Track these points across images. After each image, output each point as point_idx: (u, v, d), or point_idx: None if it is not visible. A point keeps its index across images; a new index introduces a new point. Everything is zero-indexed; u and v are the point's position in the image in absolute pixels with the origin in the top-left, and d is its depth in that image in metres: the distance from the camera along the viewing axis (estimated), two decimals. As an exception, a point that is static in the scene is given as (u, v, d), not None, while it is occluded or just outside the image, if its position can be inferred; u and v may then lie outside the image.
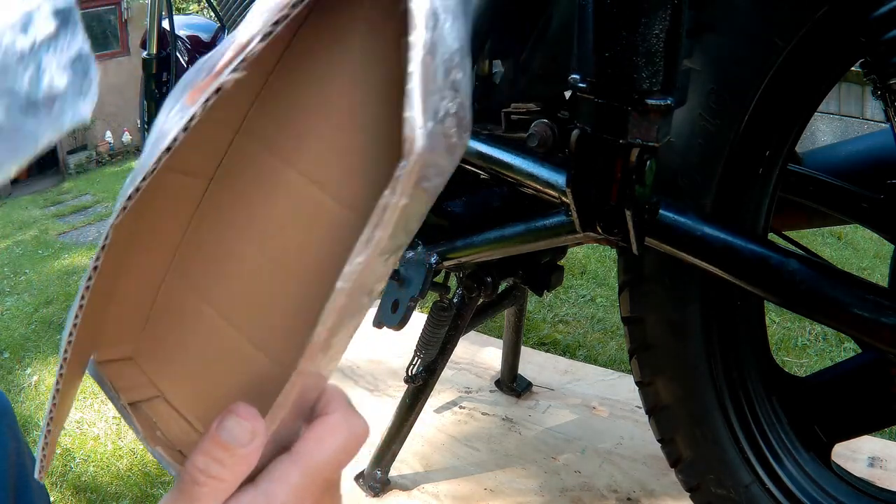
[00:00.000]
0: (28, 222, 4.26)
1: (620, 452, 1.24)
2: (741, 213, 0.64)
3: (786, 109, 0.60)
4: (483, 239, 0.79)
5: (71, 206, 4.61)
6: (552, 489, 1.15)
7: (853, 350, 1.61)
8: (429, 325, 1.07)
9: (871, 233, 1.13)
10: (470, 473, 1.21)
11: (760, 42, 0.57)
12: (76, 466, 1.32)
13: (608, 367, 1.56)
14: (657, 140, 0.45)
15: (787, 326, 1.74)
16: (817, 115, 3.11)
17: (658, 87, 0.43)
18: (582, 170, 0.51)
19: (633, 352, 0.76)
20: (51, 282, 2.77)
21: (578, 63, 0.46)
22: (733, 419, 0.71)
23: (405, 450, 1.21)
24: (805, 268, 0.52)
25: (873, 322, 0.51)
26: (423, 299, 0.86)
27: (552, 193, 0.65)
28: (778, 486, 0.70)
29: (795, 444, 0.71)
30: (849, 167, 0.73)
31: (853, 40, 0.54)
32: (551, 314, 1.88)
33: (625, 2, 0.42)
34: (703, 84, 0.60)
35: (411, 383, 1.10)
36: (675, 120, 0.60)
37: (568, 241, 0.70)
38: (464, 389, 1.48)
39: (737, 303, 0.69)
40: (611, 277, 2.11)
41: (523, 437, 1.30)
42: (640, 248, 0.53)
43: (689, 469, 0.76)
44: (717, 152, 0.62)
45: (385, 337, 1.73)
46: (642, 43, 0.42)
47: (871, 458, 1.16)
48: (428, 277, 0.84)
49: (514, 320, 1.34)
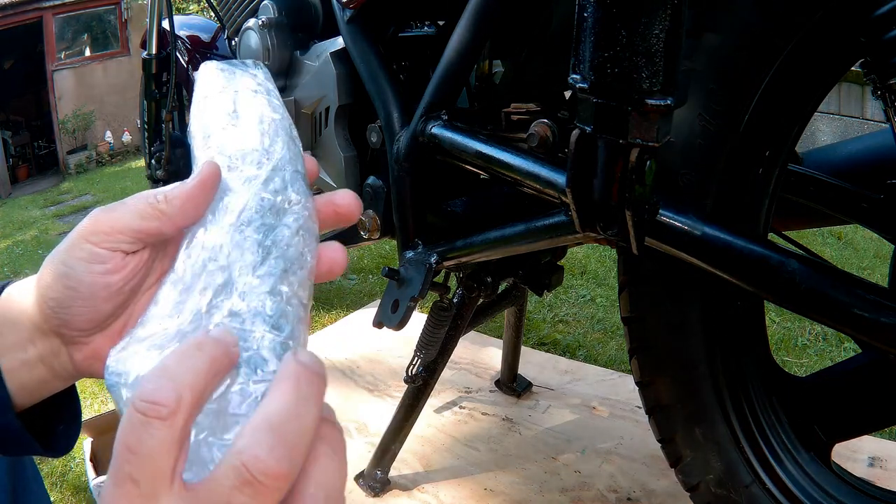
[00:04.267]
0: (28, 222, 4.26)
1: (620, 452, 1.24)
2: (741, 213, 0.64)
3: (786, 109, 0.60)
4: (483, 239, 0.79)
5: (71, 206, 4.61)
6: (552, 489, 1.15)
7: (853, 350, 1.61)
8: (429, 325, 1.07)
9: (871, 233, 1.13)
10: (470, 473, 1.21)
11: (760, 42, 0.57)
12: (76, 466, 1.32)
13: (608, 367, 1.56)
14: (657, 140, 0.45)
15: (787, 326, 1.74)
16: (817, 115, 3.11)
17: (658, 87, 0.43)
18: (582, 170, 0.51)
19: (633, 352, 0.76)
20: (51, 282, 2.77)
21: (578, 63, 0.46)
22: (733, 419, 0.71)
23: (405, 450, 1.21)
24: (805, 268, 0.52)
25: (873, 322, 0.51)
26: (423, 299, 0.86)
27: (552, 193, 0.65)
28: (778, 486, 0.70)
29: (795, 444, 0.71)
30: (849, 167, 0.73)
31: (853, 40, 0.54)
32: (551, 314, 1.88)
33: (625, 2, 0.42)
34: (703, 84, 0.60)
35: (411, 383, 1.10)
36: (675, 120, 0.60)
37: (568, 241, 0.70)
38: (464, 389, 1.48)
39: (737, 303, 0.69)
40: (611, 277, 2.11)
41: (523, 437, 1.30)
42: (640, 248, 0.53)
43: (689, 469, 0.76)
44: (718, 152, 0.62)
45: (385, 337, 1.73)
46: (642, 43, 0.42)
47: (871, 458, 1.16)
48: (428, 277, 0.84)
49: (514, 320, 1.34)
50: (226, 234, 0.36)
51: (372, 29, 0.91)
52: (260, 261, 0.35)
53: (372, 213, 0.93)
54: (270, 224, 0.36)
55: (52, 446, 0.43)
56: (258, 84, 0.42)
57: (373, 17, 0.91)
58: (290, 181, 0.38)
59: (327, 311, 1.98)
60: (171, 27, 1.63)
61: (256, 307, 0.34)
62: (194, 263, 0.35)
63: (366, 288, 2.18)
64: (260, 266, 0.35)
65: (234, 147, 0.38)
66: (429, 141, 0.79)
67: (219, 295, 0.34)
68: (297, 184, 0.38)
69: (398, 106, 0.85)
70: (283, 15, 1.03)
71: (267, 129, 0.39)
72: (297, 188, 0.38)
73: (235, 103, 0.40)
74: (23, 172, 6.86)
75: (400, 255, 0.89)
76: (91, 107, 6.66)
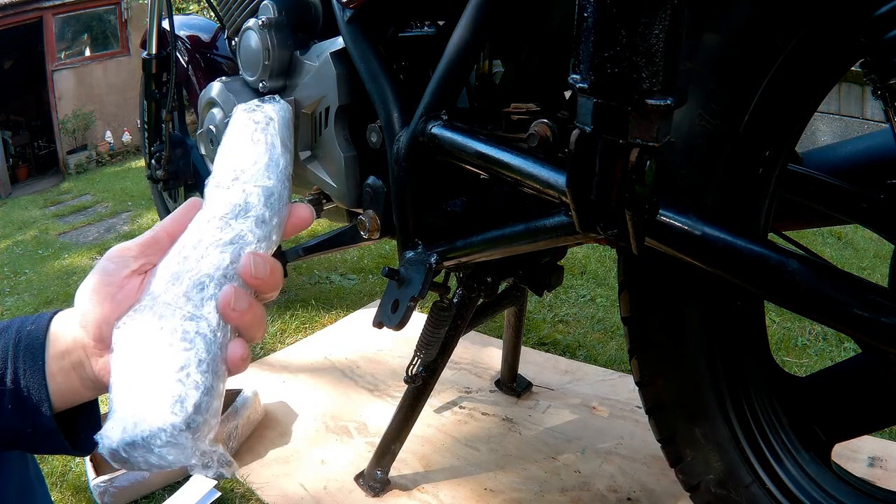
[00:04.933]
0: (28, 222, 4.26)
1: (620, 452, 1.24)
2: (741, 213, 0.64)
3: (786, 109, 0.60)
4: (483, 239, 0.79)
5: (71, 206, 4.61)
6: (552, 489, 1.15)
7: (853, 350, 1.61)
8: (429, 325, 1.07)
9: (871, 233, 1.13)
10: (470, 473, 1.21)
11: (760, 42, 0.57)
12: (76, 466, 1.32)
13: (608, 367, 1.56)
14: (657, 140, 0.45)
15: (787, 326, 1.74)
16: (817, 115, 3.11)
17: (658, 87, 0.43)
18: (582, 170, 0.51)
19: (633, 352, 0.76)
20: (51, 282, 2.77)
21: (578, 63, 0.46)
22: (733, 419, 0.71)
23: (405, 450, 1.21)
24: (805, 268, 0.52)
25: (873, 322, 0.51)
26: (423, 299, 0.86)
27: (552, 193, 0.65)
28: (778, 486, 0.70)
29: (795, 444, 0.71)
30: (849, 167, 0.73)
31: (853, 40, 0.54)
32: (551, 314, 1.88)
33: (625, 2, 0.42)
34: (703, 84, 0.60)
35: (411, 383, 1.10)
36: (675, 120, 0.60)
37: (568, 241, 0.70)
38: (464, 389, 1.48)
39: (737, 303, 0.69)
40: (611, 277, 2.11)
41: (523, 437, 1.30)
42: (640, 249, 0.53)
43: (689, 469, 0.76)
44: (718, 152, 0.62)
45: (385, 337, 1.73)
46: (642, 43, 0.42)
47: (871, 458, 1.16)
48: (428, 277, 0.84)
49: (514, 320, 1.34)
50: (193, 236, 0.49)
51: (372, 29, 0.91)
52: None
53: (372, 213, 0.93)
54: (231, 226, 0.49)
55: (78, 446, 0.49)
56: (262, 129, 0.53)
57: (373, 17, 0.91)
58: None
59: (327, 311, 1.98)
60: (171, 27, 1.63)
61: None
62: (167, 256, 0.48)
63: (366, 288, 2.17)
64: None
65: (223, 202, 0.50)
66: (429, 141, 0.79)
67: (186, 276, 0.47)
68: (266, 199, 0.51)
69: (398, 106, 0.85)
70: (283, 15, 1.03)
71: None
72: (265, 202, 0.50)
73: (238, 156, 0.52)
74: (23, 172, 6.86)
75: (400, 255, 0.89)
76: (91, 107, 6.66)
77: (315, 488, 1.20)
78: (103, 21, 6.79)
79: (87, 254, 3.16)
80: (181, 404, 0.42)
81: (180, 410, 0.42)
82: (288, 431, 1.38)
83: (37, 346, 0.46)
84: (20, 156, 7.10)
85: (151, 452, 0.42)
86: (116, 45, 6.89)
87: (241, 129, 0.53)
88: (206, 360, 0.44)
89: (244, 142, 0.53)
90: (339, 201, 1.02)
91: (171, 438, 0.42)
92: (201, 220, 0.49)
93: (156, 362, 0.43)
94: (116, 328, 0.45)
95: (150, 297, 0.46)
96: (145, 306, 0.46)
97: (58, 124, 6.49)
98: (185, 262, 0.47)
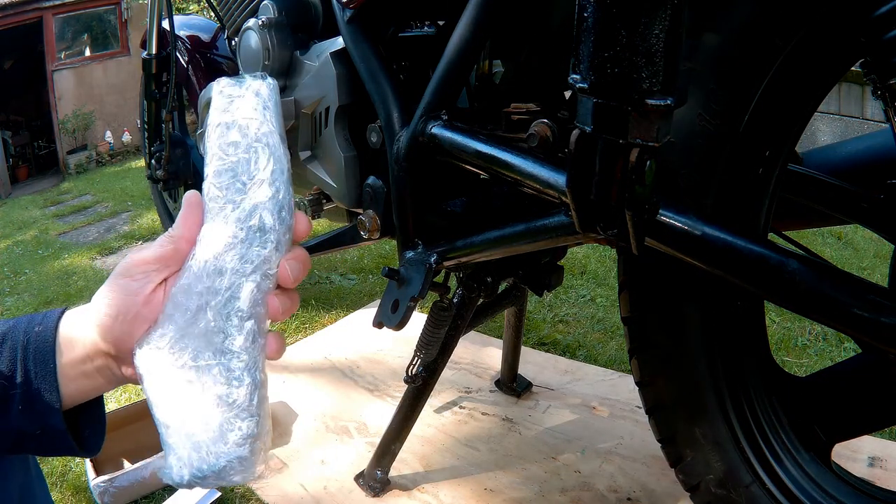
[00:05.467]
0: (28, 222, 4.26)
1: (620, 452, 1.24)
2: (741, 213, 0.64)
3: (786, 109, 0.60)
4: (483, 239, 0.79)
5: (71, 206, 4.61)
6: (552, 489, 1.15)
7: (853, 350, 1.61)
8: (429, 325, 1.07)
9: (871, 233, 1.12)
10: (470, 473, 1.21)
11: (760, 42, 0.57)
12: (76, 466, 1.32)
13: (608, 367, 1.56)
14: (657, 140, 0.45)
15: (787, 326, 1.74)
16: (817, 115, 3.11)
17: (658, 87, 0.43)
18: (582, 170, 0.51)
19: (633, 352, 0.76)
20: (51, 282, 2.77)
21: (578, 63, 0.46)
22: (733, 419, 0.71)
23: (405, 450, 1.21)
24: (805, 268, 0.52)
25: (873, 322, 0.51)
26: (423, 299, 0.86)
27: (552, 193, 0.65)
28: (778, 486, 0.70)
29: (795, 444, 0.71)
30: (849, 167, 0.73)
31: (853, 40, 0.54)
32: (551, 314, 1.88)
33: (625, 2, 0.42)
34: (703, 84, 0.60)
35: (411, 383, 1.10)
36: (675, 120, 0.60)
37: (568, 241, 0.70)
38: (464, 389, 1.48)
39: (737, 303, 0.69)
40: (611, 277, 2.11)
41: (523, 437, 1.30)
42: (640, 249, 0.53)
43: (689, 469, 0.76)
44: (718, 152, 0.62)
45: (385, 337, 1.73)
46: (642, 43, 0.42)
47: (871, 458, 1.16)
48: (428, 277, 0.84)
49: (514, 320, 1.34)
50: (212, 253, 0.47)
51: (372, 29, 0.91)
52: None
53: (372, 213, 0.93)
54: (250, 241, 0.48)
55: (84, 447, 0.50)
56: (254, 108, 0.50)
57: (373, 17, 0.91)
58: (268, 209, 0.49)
59: (327, 311, 1.98)
60: (171, 27, 1.63)
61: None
62: (186, 280, 0.47)
63: (366, 288, 2.17)
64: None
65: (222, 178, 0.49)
66: (429, 141, 0.79)
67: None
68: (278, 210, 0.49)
69: (398, 106, 0.85)
70: (283, 15, 1.03)
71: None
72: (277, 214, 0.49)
73: (230, 132, 0.49)
74: (23, 172, 6.86)
75: (400, 255, 0.89)
76: (91, 107, 6.66)
77: (315, 488, 1.20)
78: (103, 21, 6.79)
79: (87, 254, 3.16)
80: (243, 437, 0.46)
81: (244, 441, 0.46)
82: (288, 431, 1.38)
83: (47, 349, 0.47)
84: (20, 156, 7.10)
85: (221, 479, 0.46)
86: (116, 45, 6.89)
87: (237, 118, 0.49)
88: (256, 391, 0.47)
89: (243, 140, 0.49)
90: (339, 201, 1.02)
91: (240, 467, 0.46)
92: (216, 241, 0.47)
93: (208, 399, 0.46)
94: (139, 349, 0.46)
95: (176, 327, 0.46)
96: (175, 338, 0.46)
97: (58, 124, 6.49)
98: (212, 295, 0.47)
